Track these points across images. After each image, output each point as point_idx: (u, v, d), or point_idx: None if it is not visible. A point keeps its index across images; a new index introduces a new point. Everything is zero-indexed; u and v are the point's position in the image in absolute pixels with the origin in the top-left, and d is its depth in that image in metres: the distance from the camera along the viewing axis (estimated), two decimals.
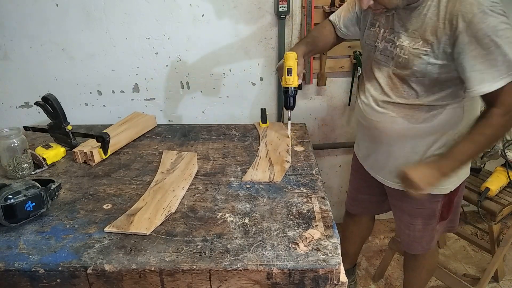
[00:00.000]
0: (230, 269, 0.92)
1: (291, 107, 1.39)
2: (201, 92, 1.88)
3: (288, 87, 1.36)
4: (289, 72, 1.31)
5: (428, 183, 1.13)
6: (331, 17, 1.46)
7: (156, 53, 1.77)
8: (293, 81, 1.33)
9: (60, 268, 0.92)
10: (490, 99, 1.08)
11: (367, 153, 1.44)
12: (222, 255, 0.95)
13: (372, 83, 1.28)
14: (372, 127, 1.31)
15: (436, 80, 1.13)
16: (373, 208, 1.66)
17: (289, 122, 1.51)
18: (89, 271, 0.92)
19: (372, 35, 1.26)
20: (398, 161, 1.29)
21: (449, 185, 1.29)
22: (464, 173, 1.34)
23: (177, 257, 0.94)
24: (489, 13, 1.00)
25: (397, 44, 1.17)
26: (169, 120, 1.93)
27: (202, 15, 1.72)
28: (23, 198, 1.03)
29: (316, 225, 1.05)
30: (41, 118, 1.78)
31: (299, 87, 1.40)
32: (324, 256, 0.94)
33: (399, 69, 1.17)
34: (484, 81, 1.05)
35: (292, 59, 1.30)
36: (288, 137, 1.52)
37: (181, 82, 1.85)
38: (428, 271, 1.61)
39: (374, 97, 1.27)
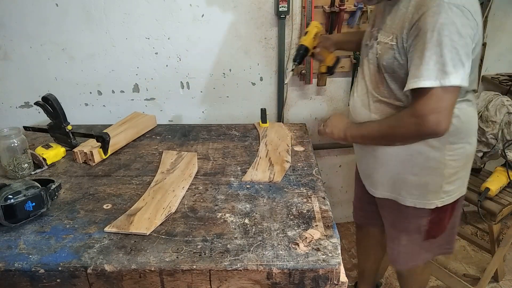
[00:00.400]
0: (230, 269, 0.92)
1: (295, 60, 1.45)
2: (201, 92, 1.88)
3: (300, 44, 1.46)
4: (306, 33, 1.46)
5: (332, 130, 1.23)
6: None
7: (156, 53, 1.77)
8: (304, 40, 1.45)
9: (60, 268, 0.92)
10: (412, 96, 1.05)
11: (358, 158, 1.42)
12: (222, 255, 0.95)
13: (360, 83, 1.27)
14: None
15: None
16: (375, 219, 1.53)
17: (290, 73, 1.52)
18: (89, 271, 0.92)
19: (368, 35, 1.25)
20: (382, 169, 1.26)
21: (434, 200, 1.22)
22: (457, 192, 1.25)
23: (177, 257, 0.94)
24: (445, 8, 0.95)
25: (378, 40, 1.15)
26: (169, 120, 1.93)
27: (202, 15, 1.72)
28: (23, 198, 1.03)
29: (316, 225, 1.05)
30: (41, 118, 1.78)
31: (330, 71, 1.55)
32: (324, 256, 0.94)
33: (377, 65, 1.16)
34: (413, 76, 1.01)
35: (312, 25, 1.45)
36: (286, 83, 1.63)
37: (181, 82, 1.85)
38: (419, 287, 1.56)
39: (361, 97, 1.25)
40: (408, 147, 1.17)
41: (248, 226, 1.05)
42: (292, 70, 1.50)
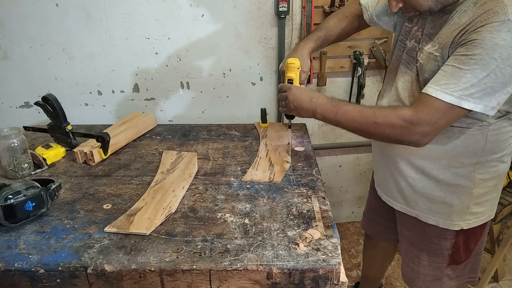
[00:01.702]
0: (230, 269, 0.92)
1: (291, 117, 1.30)
2: (201, 92, 1.88)
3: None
4: (290, 82, 1.23)
5: (296, 110, 1.10)
6: (362, 0, 1.30)
7: (156, 53, 1.77)
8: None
9: (60, 268, 0.92)
10: (419, 98, 0.97)
11: (376, 168, 1.34)
12: (222, 255, 0.95)
13: (389, 88, 1.17)
14: None
15: None
16: (389, 234, 1.47)
17: (289, 131, 1.46)
18: (89, 271, 0.92)
19: (407, 31, 1.13)
20: (404, 182, 1.18)
21: (459, 222, 1.13)
22: (486, 214, 1.15)
23: (177, 257, 0.94)
24: (507, 28, 0.86)
25: (420, 47, 1.06)
26: (169, 120, 1.93)
27: (202, 15, 1.72)
28: (23, 198, 1.03)
29: (316, 225, 1.05)
30: (41, 118, 1.78)
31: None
32: (324, 256, 0.94)
33: (417, 74, 1.06)
34: (436, 83, 0.93)
35: (293, 69, 1.21)
36: (288, 145, 1.46)
37: (181, 82, 1.85)
38: None
39: (390, 103, 1.15)
40: (438, 161, 1.10)
41: (248, 226, 1.05)
42: (290, 126, 1.43)
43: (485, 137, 1.04)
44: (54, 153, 1.40)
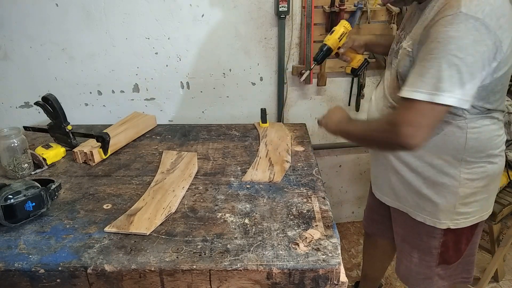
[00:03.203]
0: (230, 269, 0.92)
1: (316, 59, 1.41)
2: (201, 92, 1.88)
3: (323, 44, 1.40)
4: (332, 32, 1.38)
5: (327, 122, 1.20)
6: None
7: (156, 53, 1.77)
8: (328, 39, 1.38)
9: (60, 268, 0.92)
10: (399, 103, 0.99)
11: (372, 165, 1.36)
12: (222, 255, 0.95)
13: (380, 85, 1.23)
14: None
15: None
16: (386, 231, 1.47)
17: (308, 72, 1.54)
18: (89, 271, 0.92)
19: (396, 38, 1.19)
20: (394, 177, 1.20)
21: (446, 221, 1.14)
22: (475, 215, 1.15)
23: (177, 257, 0.94)
24: (460, 19, 0.87)
25: (401, 44, 1.10)
26: (169, 120, 1.93)
27: (202, 15, 1.72)
28: (23, 198, 1.03)
29: (316, 225, 1.05)
30: (41, 118, 1.78)
31: (355, 73, 1.46)
32: (324, 256, 0.94)
33: (396, 71, 1.11)
34: (407, 84, 0.95)
35: (341, 25, 1.37)
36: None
37: (181, 82, 1.85)
38: None
39: (377, 101, 1.21)
40: (421, 157, 1.11)
41: (248, 226, 1.05)
42: (311, 69, 1.52)
43: (465, 135, 1.04)
44: (54, 153, 1.40)
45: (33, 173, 1.33)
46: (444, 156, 1.08)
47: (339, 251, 0.96)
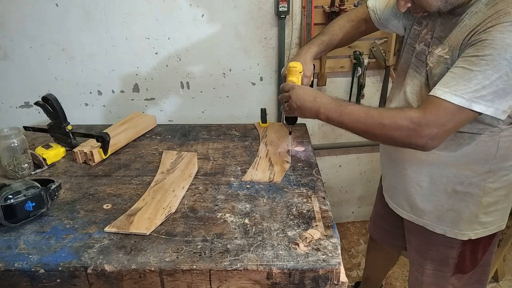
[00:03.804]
0: (230, 269, 0.92)
1: (292, 123, 1.31)
2: (201, 92, 1.88)
3: None
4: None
5: (299, 109, 1.06)
6: (370, 3, 1.27)
7: (156, 53, 1.77)
8: None
9: (60, 268, 0.92)
10: (428, 100, 0.93)
11: (384, 173, 1.31)
12: (222, 255, 0.95)
13: (398, 92, 1.14)
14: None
15: None
16: (395, 240, 1.45)
17: (290, 137, 1.47)
18: (89, 271, 0.92)
19: (416, 34, 1.11)
20: (412, 189, 1.15)
21: (467, 231, 1.10)
22: (495, 225, 1.12)
23: (177, 257, 0.94)
24: None
25: (430, 50, 1.03)
26: (169, 120, 1.93)
27: (202, 15, 1.72)
28: (23, 198, 1.03)
29: (316, 225, 1.05)
30: (41, 118, 1.78)
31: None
32: (324, 256, 0.94)
33: (427, 78, 1.03)
34: (445, 85, 0.90)
35: (295, 73, 1.17)
36: (289, 152, 1.43)
37: (181, 82, 1.85)
38: None
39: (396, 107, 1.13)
40: (447, 168, 1.07)
41: (248, 226, 1.05)
42: (291, 133, 1.45)
43: (497, 144, 1.01)
44: (54, 153, 1.40)
45: (33, 173, 1.33)
46: (473, 166, 1.04)
47: (339, 251, 0.96)
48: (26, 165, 1.30)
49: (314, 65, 1.27)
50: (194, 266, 0.92)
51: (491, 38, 0.85)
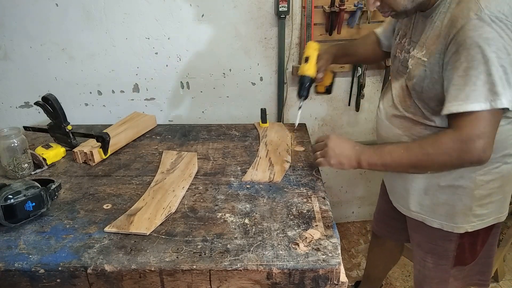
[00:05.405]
0: (230, 269, 0.92)
1: (302, 95, 1.29)
2: (201, 92, 1.88)
3: (302, 76, 1.28)
4: (306, 60, 1.27)
5: (337, 158, 1.07)
6: (377, 29, 1.37)
7: (156, 53, 1.77)
8: (308, 69, 1.27)
9: (60, 268, 0.92)
10: (453, 120, 0.95)
11: (386, 175, 1.35)
12: (222, 255, 0.95)
13: (387, 95, 1.20)
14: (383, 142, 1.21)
15: (437, 100, 1.00)
16: (398, 234, 1.48)
17: (299, 112, 1.36)
18: (89, 271, 0.92)
19: (398, 46, 1.17)
20: (408, 186, 1.18)
21: (463, 224, 1.12)
22: (491, 216, 1.13)
23: (177, 257, 0.94)
24: (488, 22, 0.86)
25: (410, 54, 1.07)
26: (169, 120, 1.93)
27: (202, 15, 1.72)
28: (23, 198, 1.03)
29: (316, 225, 1.05)
30: (41, 118, 1.78)
31: (329, 91, 1.36)
32: (324, 256, 0.94)
33: (408, 80, 1.08)
34: (456, 98, 0.91)
35: (311, 48, 1.25)
36: (295, 129, 1.40)
37: (181, 82, 1.85)
38: None
39: (385, 109, 1.19)
40: None
41: (248, 226, 1.05)
42: (300, 107, 1.34)
43: None
44: (54, 153, 1.40)
45: (33, 173, 1.33)
46: None
47: (339, 251, 0.96)
48: (26, 165, 1.30)
49: (335, 72, 1.34)
50: (194, 266, 0.92)
51: (469, 38, 0.87)
